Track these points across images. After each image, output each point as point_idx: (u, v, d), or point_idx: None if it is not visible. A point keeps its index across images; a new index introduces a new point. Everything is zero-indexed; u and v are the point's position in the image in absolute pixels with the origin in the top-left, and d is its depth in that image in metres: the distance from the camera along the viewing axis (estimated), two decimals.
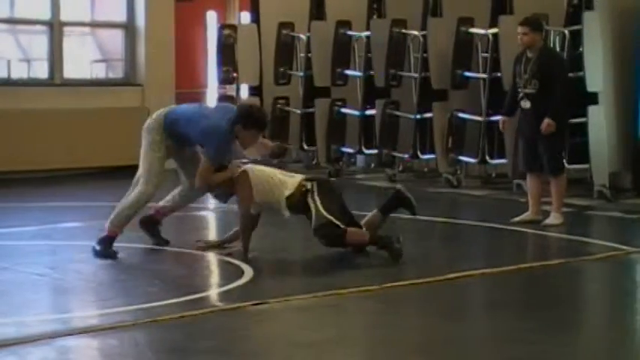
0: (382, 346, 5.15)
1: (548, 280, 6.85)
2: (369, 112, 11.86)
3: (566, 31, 10.33)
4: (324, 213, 6.82)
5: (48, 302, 6.16)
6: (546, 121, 8.17)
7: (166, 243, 7.41)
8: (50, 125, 11.85)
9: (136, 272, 6.78)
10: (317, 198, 6.88)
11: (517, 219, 8.54)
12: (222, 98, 13.28)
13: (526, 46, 8.37)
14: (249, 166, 7.18)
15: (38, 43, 12.58)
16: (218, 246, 7.30)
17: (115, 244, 7.13)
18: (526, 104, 8.37)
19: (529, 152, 8.53)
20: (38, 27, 12.57)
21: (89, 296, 6.24)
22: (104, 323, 5.36)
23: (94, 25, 13.20)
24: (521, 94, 8.39)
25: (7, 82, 12.08)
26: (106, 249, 7.00)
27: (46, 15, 12.43)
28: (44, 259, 7.13)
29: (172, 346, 5.11)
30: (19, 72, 12.33)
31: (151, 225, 7.46)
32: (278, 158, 12.15)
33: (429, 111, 11.33)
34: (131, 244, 7.58)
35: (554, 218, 8.46)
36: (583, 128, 10.09)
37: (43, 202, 9.98)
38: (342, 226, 6.86)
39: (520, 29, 8.38)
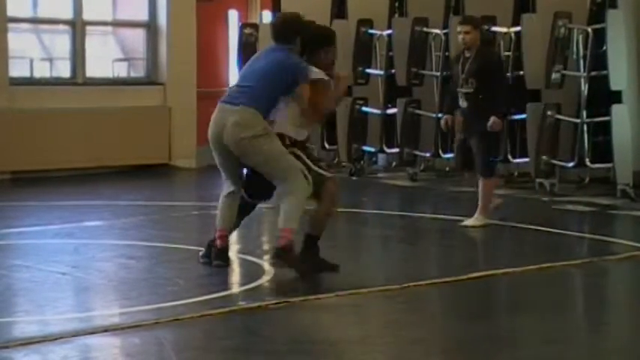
0: (404, 345, 5.14)
1: (571, 280, 6.83)
2: (390, 110, 11.84)
3: (590, 30, 10.28)
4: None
5: (70, 301, 6.18)
6: (492, 118, 8.07)
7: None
8: (72, 124, 11.90)
9: (157, 271, 6.79)
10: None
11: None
12: None
13: (467, 45, 8.22)
14: None
15: (61, 42, 12.64)
16: None
17: (137, 243, 7.15)
18: (464, 103, 8.26)
19: (466, 151, 8.45)
20: (61, 26, 12.62)
21: (111, 295, 6.27)
22: (126, 322, 5.38)
23: (116, 24, 13.24)
24: (460, 94, 8.27)
25: (30, 81, 12.14)
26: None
27: (68, 14, 12.48)
28: (67, 257, 7.16)
29: (194, 345, 5.13)
30: (41, 71, 12.39)
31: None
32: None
33: None
34: (153, 242, 7.61)
35: (475, 220, 8.29)
36: (606, 127, 10.04)
37: (65, 200, 10.02)
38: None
39: (462, 28, 8.25)
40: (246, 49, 12.87)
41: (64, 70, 12.55)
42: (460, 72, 8.26)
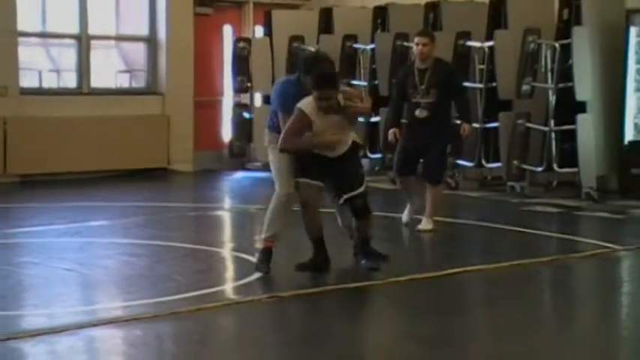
0: (385, 338, 5.13)
1: (540, 276, 6.83)
2: (374, 119, 11.84)
3: (557, 45, 10.31)
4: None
5: (76, 295, 6.15)
6: (466, 126, 7.97)
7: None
8: (78, 131, 11.85)
9: (157, 267, 6.77)
10: None
11: (405, 219, 8.25)
12: (237, 106, 13.28)
13: (425, 57, 7.91)
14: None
15: (67, 54, 12.59)
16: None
17: (138, 241, 7.12)
18: (422, 113, 7.91)
19: (408, 159, 8.14)
20: (67, 40, 12.57)
21: (114, 290, 6.24)
22: (128, 315, 5.35)
23: (119, 38, 13.20)
24: (416, 104, 7.93)
25: (39, 91, 12.09)
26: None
27: (75, 29, 12.43)
28: (72, 255, 7.13)
29: (191, 337, 5.11)
30: (49, 82, 12.34)
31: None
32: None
33: None
34: (153, 241, 7.58)
35: (426, 223, 8.07)
36: (572, 134, 10.07)
37: (71, 202, 9.98)
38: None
39: (420, 40, 7.95)
40: (240, 61, 12.87)
41: (70, 81, 12.50)
42: (418, 83, 7.92)
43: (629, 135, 10.10)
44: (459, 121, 8.19)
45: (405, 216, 8.33)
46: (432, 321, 5.44)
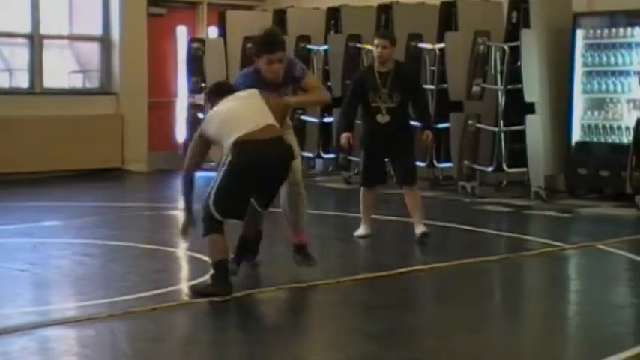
0: (339, 334, 5.15)
1: (491, 274, 6.90)
2: (326, 119, 11.87)
3: (506, 47, 10.42)
4: None
5: (29, 295, 6.07)
6: (427, 132, 7.71)
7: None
8: (31, 131, 11.71)
9: (111, 267, 6.71)
10: None
11: (358, 233, 7.81)
12: (192, 107, 13.21)
13: (384, 59, 7.54)
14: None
15: (20, 54, 12.43)
16: None
17: (92, 241, 7.06)
18: (385, 118, 7.53)
19: (375, 166, 7.77)
20: (20, 39, 12.41)
21: (67, 290, 6.17)
22: (81, 315, 5.29)
23: (72, 38, 13.06)
24: (378, 109, 7.53)
25: None
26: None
27: (27, 28, 12.28)
28: (25, 255, 7.03)
29: (145, 336, 5.07)
30: (1, 81, 12.17)
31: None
32: None
33: None
34: (107, 241, 7.52)
35: (423, 226, 7.63)
36: (521, 135, 10.18)
37: (24, 202, 9.85)
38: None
39: (380, 42, 7.56)
40: (194, 62, 12.81)
41: (22, 81, 12.34)
42: (379, 86, 7.52)
43: (576, 136, 10.26)
44: (420, 126, 7.88)
45: (359, 230, 7.83)
46: (382, 317, 5.47)
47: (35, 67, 12.26)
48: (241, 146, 5.67)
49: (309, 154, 12.19)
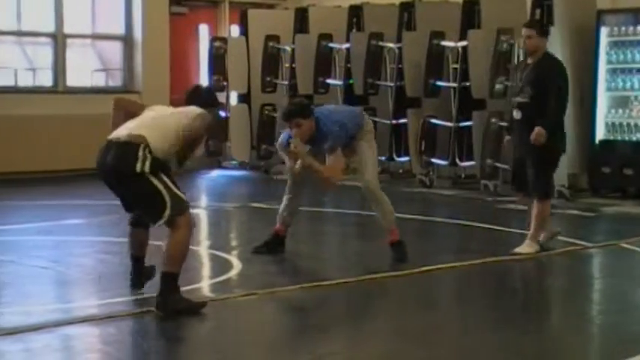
0: (360, 334, 5.15)
1: (513, 273, 6.87)
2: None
3: None
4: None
5: (51, 293, 6.12)
6: (537, 129, 6.79)
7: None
8: (54, 129, 11.79)
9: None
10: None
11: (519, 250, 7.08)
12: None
13: (529, 50, 7.01)
14: None
15: (43, 53, 12.52)
16: None
17: (114, 239, 7.08)
18: (517, 114, 7.01)
19: (516, 170, 7.25)
20: (43, 38, 12.50)
21: (90, 288, 6.20)
22: (103, 313, 5.32)
23: (95, 37, 13.13)
24: (514, 104, 7.06)
25: (15, 90, 12.02)
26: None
27: (50, 27, 12.37)
28: (48, 253, 7.09)
29: (166, 334, 5.09)
30: (25, 80, 12.27)
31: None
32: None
33: (404, 117, 11.35)
34: (127, 239, 7.54)
35: (526, 246, 7.08)
36: None
37: (47, 200, 9.92)
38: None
39: (525, 31, 7.03)
40: (216, 60, 12.86)
41: (46, 80, 12.43)
42: (518, 79, 7.03)
43: (599, 134, 10.19)
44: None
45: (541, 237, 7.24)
46: (404, 316, 5.46)
47: (58, 66, 12.35)
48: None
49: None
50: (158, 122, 5.43)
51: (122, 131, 5.41)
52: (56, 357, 4.70)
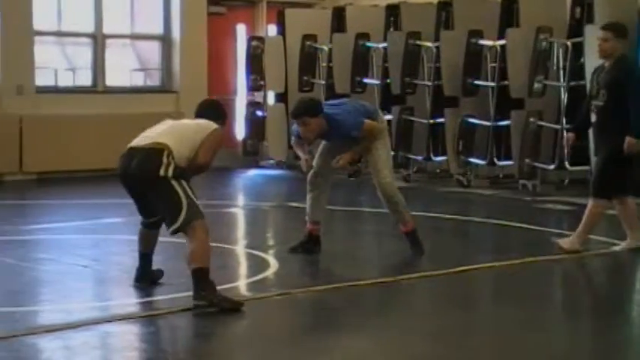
0: (397, 334, 5.14)
1: (551, 273, 6.82)
2: (385, 117, 11.82)
3: (569, 43, 10.28)
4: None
5: (91, 291, 6.19)
6: (627, 139, 6.66)
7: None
8: (93, 129, 11.91)
9: (171, 264, 6.78)
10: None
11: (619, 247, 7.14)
12: (250, 104, 13.31)
13: (604, 53, 6.87)
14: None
15: (83, 53, 12.65)
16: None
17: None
18: (593, 117, 6.90)
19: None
20: (83, 39, 12.63)
21: (128, 286, 6.25)
22: (142, 311, 5.38)
23: (134, 37, 13.24)
24: (591, 107, 6.95)
25: (55, 90, 12.16)
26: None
27: (90, 28, 12.49)
28: (88, 251, 7.17)
29: (204, 332, 5.13)
30: (65, 80, 12.40)
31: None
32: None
33: (442, 116, 11.30)
34: (166, 238, 7.60)
35: (569, 241, 7.10)
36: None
37: (86, 199, 10.03)
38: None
39: (601, 34, 6.90)
40: (253, 60, 12.91)
41: (85, 80, 12.56)
42: (594, 82, 6.95)
43: None
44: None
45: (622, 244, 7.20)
46: (440, 316, 5.45)
47: (97, 66, 12.48)
48: None
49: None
50: (178, 131, 5.75)
51: (144, 139, 5.72)
52: (95, 354, 4.76)
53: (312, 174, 6.94)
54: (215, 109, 5.97)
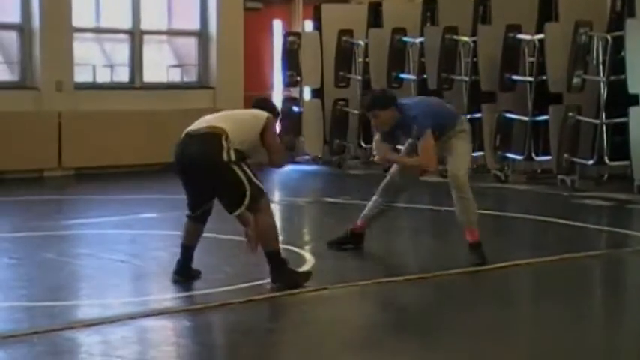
0: (436, 329, 5.13)
1: (590, 270, 6.76)
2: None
3: (609, 37, 10.16)
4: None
5: (128, 286, 6.24)
6: None
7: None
8: (131, 124, 11.99)
9: (207, 259, 6.81)
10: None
11: None
12: (287, 100, 13.32)
13: None
14: None
15: (120, 50, 12.74)
16: None
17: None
18: None
19: None
20: (121, 35, 12.72)
21: (166, 281, 6.29)
22: (179, 305, 5.41)
23: (171, 33, 13.31)
24: None
25: (93, 86, 12.26)
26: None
27: (128, 25, 12.58)
28: (125, 246, 7.23)
29: (240, 327, 5.15)
30: (103, 76, 12.50)
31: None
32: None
33: (479, 111, 11.23)
34: (205, 233, 7.64)
35: None
36: (624, 127, 9.93)
37: (124, 195, 10.11)
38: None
39: None
40: (290, 55, 12.91)
41: (123, 76, 12.65)
42: None
43: None
44: None
45: None
46: (478, 313, 5.42)
47: (135, 62, 12.56)
48: None
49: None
50: (233, 115, 5.96)
51: (200, 124, 5.83)
52: (133, 349, 4.79)
53: (388, 182, 6.83)
54: (266, 104, 6.18)
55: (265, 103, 6.22)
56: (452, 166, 6.64)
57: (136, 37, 12.55)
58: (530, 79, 10.76)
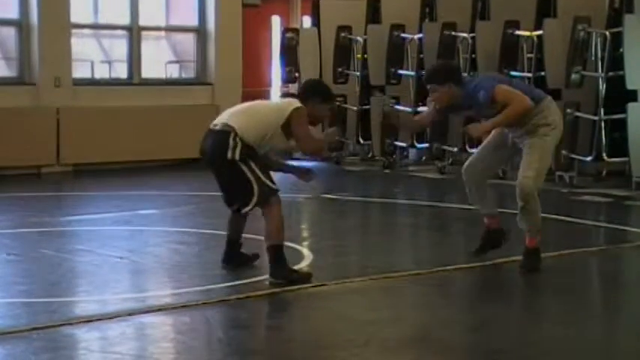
0: (433, 325, 5.13)
1: (588, 266, 6.76)
2: (420, 108, 11.79)
3: (608, 33, 10.16)
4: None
5: (127, 282, 6.24)
6: None
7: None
8: (129, 121, 11.99)
9: (207, 255, 6.83)
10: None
11: None
12: (285, 96, 13.31)
13: None
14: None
15: (119, 46, 12.74)
16: None
17: (188, 230, 7.17)
18: None
19: None
20: (119, 31, 12.71)
21: (164, 277, 6.31)
22: (177, 302, 5.41)
23: (169, 29, 13.31)
24: None
25: (91, 82, 12.26)
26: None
27: (126, 20, 12.57)
28: (123, 243, 7.22)
29: (239, 324, 5.15)
30: (101, 72, 12.50)
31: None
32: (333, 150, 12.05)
33: None
34: (202, 229, 7.64)
35: None
36: (622, 123, 9.93)
37: (122, 191, 10.10)
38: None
39: None
40: (288, 51, 12.91)
41: (121, 72, 12.65)
42: None
43: None
44: None
45: None
46: (476, 308, 5.43)
47: (134, 58, 12.55)
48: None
49: (403, 144, 12.14)
50: (251, 110, 5.93)
51: (219, 119, 5.93)
52: (131, 345, 4.80)
53: (467, 165, 6.45)
54: (314, 88, 6.17)
55: (313, 88, 6.17)
56: (520, 173, 6.22)
57: (134, 33, 12.54)
58: (529, 75, 10.76)
